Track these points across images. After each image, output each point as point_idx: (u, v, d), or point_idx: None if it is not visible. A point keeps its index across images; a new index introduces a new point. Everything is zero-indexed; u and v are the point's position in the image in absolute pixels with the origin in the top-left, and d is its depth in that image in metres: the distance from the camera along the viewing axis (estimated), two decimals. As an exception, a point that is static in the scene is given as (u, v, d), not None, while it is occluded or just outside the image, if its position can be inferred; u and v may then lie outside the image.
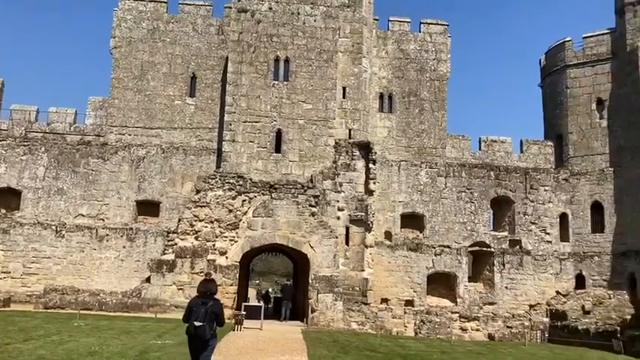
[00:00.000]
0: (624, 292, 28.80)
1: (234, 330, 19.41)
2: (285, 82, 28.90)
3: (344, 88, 30.49)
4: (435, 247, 30.97)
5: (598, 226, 32.06)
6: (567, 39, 34.96)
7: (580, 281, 31.56)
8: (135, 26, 31.97)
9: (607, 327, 23.31)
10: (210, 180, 26.42)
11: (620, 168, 31.59)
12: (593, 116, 33.40)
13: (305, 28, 29.36)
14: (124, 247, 28.98)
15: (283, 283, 36.53)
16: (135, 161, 30.18)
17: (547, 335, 27.47)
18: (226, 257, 25.46)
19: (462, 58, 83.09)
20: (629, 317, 22.48)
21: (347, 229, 27.95)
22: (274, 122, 28.42)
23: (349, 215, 28.03)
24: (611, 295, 28.24)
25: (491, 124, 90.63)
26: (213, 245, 25.46)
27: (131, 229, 29.19)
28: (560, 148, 34.47)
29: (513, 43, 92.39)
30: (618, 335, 21.82)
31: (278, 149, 28.30)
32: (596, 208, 32.23)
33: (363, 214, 27.99)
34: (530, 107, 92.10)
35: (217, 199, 26.01)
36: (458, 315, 29.65)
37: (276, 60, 29.08)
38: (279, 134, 28.37)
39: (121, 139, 30.59)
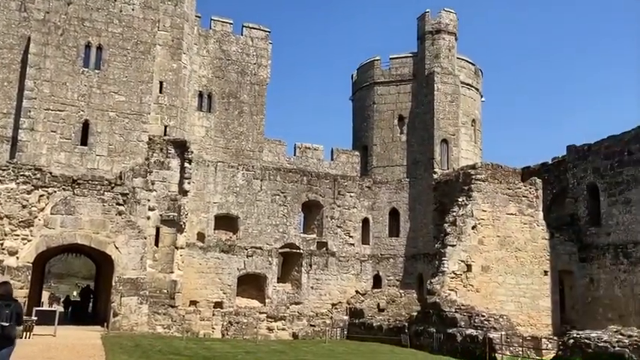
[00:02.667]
0: (413, 290, 31.98)
1: (21, 337, 17.56)
2: (96, 71, 27.07)
3: (161, 83, 29.52)
4: (247, 249, 31.36)
5: (394, 230, 35.22)
6: (376, 58, 37.94)
7: (377, 281, 34.39)
8: None
9: (397, 323, 25.67)
10: (0, 171, 23.61)
11: (415, 179, 35.07)
12: (394, 131, 36.63)
13: (122, 16, 27.82)
14: None
15: (84, 286, 34.08)
16: None
17: (346, 332, 29.41)
18: (17, 257, 22.96)
19: (283, 64, 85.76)
20: (415, 314, 25.00)
21: (157, 229, 27.04)
22: (81, 112, 26.44)
23: (160, 215, 27.15)
24: (403, 294, 31.18)
25: (306, 131, 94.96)
26: (1, 244, 22.80)
27: None
28: (365, 158, 37.23)
29: (331, 57, 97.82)
30: (406, 330, 24.13)
31: (84, 142, 26.39)
32: (394, 215, 35.38)
33: (176, 214, 27.32)
34: (341, 118, 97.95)
35: (9, 192, 23.33)
36: (265, 315, 30.35)
37: (88, 46, 27.13)
38: (86, 126, 26.45)
39: None
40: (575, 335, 16.12)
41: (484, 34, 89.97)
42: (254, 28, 34.34)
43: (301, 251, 32.71)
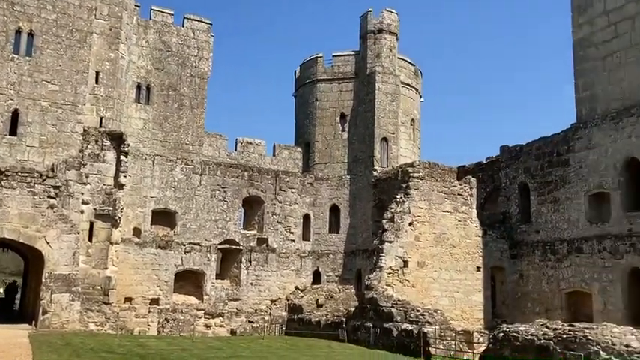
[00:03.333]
0: (352, 286, 32.38)
1: (-60, 337, 16.63)
2: (27, 58, 25.89)
3: (97, 73, 28.53)
4: (185, 245, 30.84)
5: (335, 227, 35.51)
6: (319, 55, 38.09)
7: (317, 277, 34.59)
8: None
9: (335, 318, 25.94)
10: None
11: (355, 176, 35.46)
12: (336, 128, 36.91)
13: (55, 1, 26.69)
14: None
15: (10, 282, 32.61)
16: None
17: (284, 328, 29.45)
18: (-63, 253, 21.69)
19: (225, 58, 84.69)
20: (353, 309, 25.33)
21: (91, 224, 26.18)
22: (10, 101, 25.23)
23: (95, 209, 26.30)
24: (341, 289, 31.52)
25: (248, 126, 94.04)
26: None
27: None
28: (307, 155, 37.34)
29: (274, 52, 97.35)
30: (344, 325, 24.44)
31: (14, 132, 25.21)
32: (334, 211, 35.65)
33: (111, 208, 26.53)
34: (284, 114, 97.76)
35: None
36: (203, 312, 29.96)
37: (18, 32, 25.90)
38: (15, 115, 25.28)
39: None
40: (504, 329, 16.74)
41: (424, 34, 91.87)
42: (195, 20, 33.72)
43: (241, 247, 32.47)
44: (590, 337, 13.59)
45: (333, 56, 37.89)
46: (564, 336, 14.24)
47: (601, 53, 24.86)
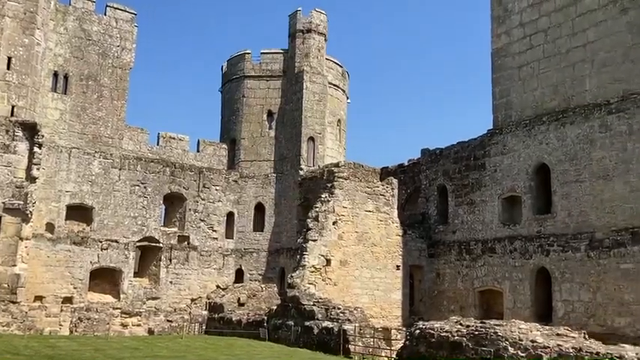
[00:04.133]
0: (275, 285, 32.34)
1: None
2: None
3: (9, 59, 26.94)
4: (102, 242, 29.69)
5: (259, 225, 35.33)
6: (247, 51, 37.75)
7: (240, 276, 34.29)
8: None
9: (256, 317, 25.77)
10: None
11: (281, 174, 35.44)
12: (263, 126, 36.72)
13: (-36, -20, 24.95)
14: None
15: None
16: None
17: (205, 327, 28.96)
18: None
19: (150, 50, 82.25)
20: (275, 307, 25.27)
21: (0, 218, 24.67)
22: None
23: (3, 203, 24.80)
24: (264, 288, 31.41)
25: (172, 120, 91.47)
26: None
27: None
28: (233, 152, 36.93)
29: (202, 46, 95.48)
30: (265, 324, 24.33)
31: None
32: (259, 209, 35.47)
33: (22, 202, 25.10)
34: (210, 109, 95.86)
35: None
36: (120, 311, 28.92)
37: None
38: None
39: None
40: (420, 326, 17.24)
41: (352, 36, 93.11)
42: (119, 9, 32.49)
43: (161, 245, 31.64)
44: (499, 334, 14.24)
45: (262, 53, 37.68)
46: (476, 333, 14.84)
47: (517, 63, 26.14)
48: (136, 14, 33.02)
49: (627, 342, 15.45)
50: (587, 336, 14.31)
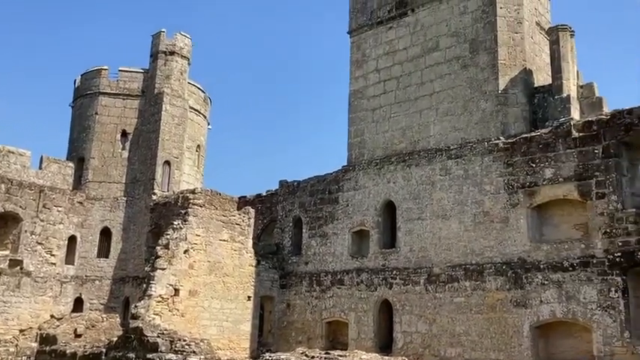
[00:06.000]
0: (117, 315, 30.43)
1: None
2: None
3: None
4: None
5: (104, 251, 33.23)
6: (105, 67, 35.94)
7: (79, 305, 31.80)
8: None
9: (94, 349, 23.96)
10: None
11: (132, 198, 33.80)
12: (116, 146, 34.94)
13: None
14: None
15: None
16: None
17: (33, 361, 26.36)
18: None
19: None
20: (115, 339, 23.74)
21: None
22: None
23: None
24: (105, 318, 29.39)
25: (11, 133, 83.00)
26: None
27: None
28: (80, 171, 34.60)
29: (54, 57, 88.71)
30: (103, 357, 22.71)
31: None
32: (106, 234, 33.42)
33: None
34: (58, 124, 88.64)
35: None
36: None
37: None
38: None
39: None
40: (267, 357, 17.24)
41: (218, 63, 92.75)
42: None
43: (-12, 269, 28.42)
44: (341, 364, 14.63)
45: (120, 70, 36.09)
46: (320, 363, 15.12)
47: (371, 105, 27.70)
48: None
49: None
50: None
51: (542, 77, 25.02)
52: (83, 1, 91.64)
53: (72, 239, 32.30)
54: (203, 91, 38.83)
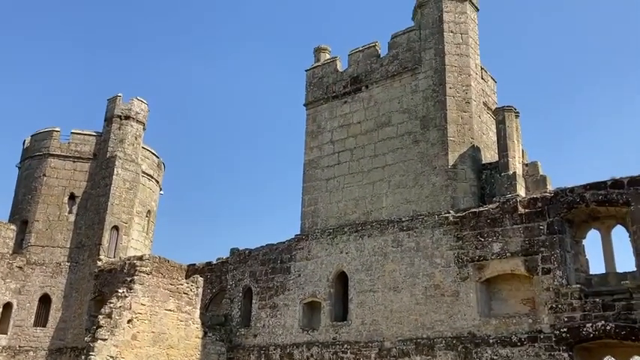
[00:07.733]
0: (51, 389, 28.50)
1: None
2: None
3: None
4: None
5: (42, 319, 31.46)
6: (56, 129, 35.37)
7: (8, 378, 29.69)
8: None
9: None
10: None
11: (76, 264, 32.49)
12: (63, 209, 33.88)
13: None
14: None
15: None
16: None
17: None
18: None
19: None
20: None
21: None
22: None
23: None
24: (37, 394, 27.47)
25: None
26: None
27: None
28: (23, 234, 33.22)
29: (2, 117, 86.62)
30: None
31: None
32: (45, 301, 31.75)
33: None
34: (2, 185, 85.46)
35: None
36: None
37: None
38: None
39: None
40: None
41: (174, 129, 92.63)
42: None
43: None
44: None
45: (72, 133, 35.56)
46: None
47: (325, 175, 28.00)
48: None
49: None
50: None
51: (490, 154, 26.03)
52: (40, 62, 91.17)
53: (7, 306, 30.57)
54: (157, 156, 38.53)
